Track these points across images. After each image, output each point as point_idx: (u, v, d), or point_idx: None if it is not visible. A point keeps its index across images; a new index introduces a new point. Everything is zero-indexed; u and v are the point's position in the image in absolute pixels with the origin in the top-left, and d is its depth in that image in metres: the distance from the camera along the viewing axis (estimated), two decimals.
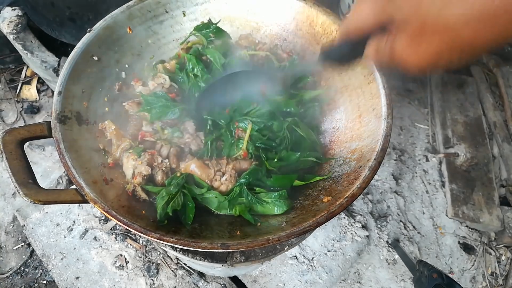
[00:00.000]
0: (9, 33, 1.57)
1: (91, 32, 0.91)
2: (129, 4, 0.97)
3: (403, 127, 2.02)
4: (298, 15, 1.01)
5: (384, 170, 1.84)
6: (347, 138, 0.90)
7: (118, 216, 0.69)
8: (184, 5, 1.04)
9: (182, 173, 0.84)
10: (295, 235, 0.69)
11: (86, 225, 1.56)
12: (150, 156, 0.85)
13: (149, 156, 0.85)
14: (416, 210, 1.78)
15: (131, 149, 0.87)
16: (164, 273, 1.47)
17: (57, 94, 0.82)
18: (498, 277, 1.66)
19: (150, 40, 1.03)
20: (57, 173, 1.78)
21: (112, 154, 0.87)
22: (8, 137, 0.75)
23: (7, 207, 1.75)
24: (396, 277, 1.60)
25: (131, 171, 0.83)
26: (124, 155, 0.86)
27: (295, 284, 1.49)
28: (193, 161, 0.85)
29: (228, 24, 1.08)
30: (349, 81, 0.93)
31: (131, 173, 0.83)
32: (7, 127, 1.96)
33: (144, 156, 0.84)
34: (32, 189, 0.71)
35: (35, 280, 1.60)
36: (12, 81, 2.10)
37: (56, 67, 1.56)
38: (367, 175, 0.74)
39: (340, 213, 0.81)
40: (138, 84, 0.99)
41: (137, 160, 0.83)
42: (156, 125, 0.91)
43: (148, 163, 0.84)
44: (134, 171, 0.83)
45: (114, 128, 0.88)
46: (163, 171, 0.85)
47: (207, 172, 0.84)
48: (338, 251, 1.57)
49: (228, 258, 0.99)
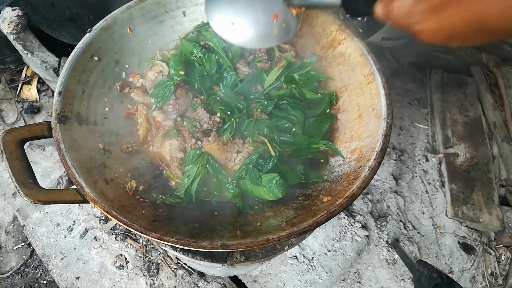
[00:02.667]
0: (9, 33, 1.57)
1: (91, 32, 0.91)
2: (129, 4, 0.97)
3: (403, 127, 2.02)
4: None
5: (384, 170, 1.84)
6: (347, 138, 0.90)
7: (118, 216, 0.70)
8: (184, 5, 1.04)
9: (204, 152, 0.89)
10: (295, 235, 0.69)
11: (86, 225, 1.56)
12: (182, 138, 0.91)
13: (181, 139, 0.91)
14: (416, 210, 1.79)
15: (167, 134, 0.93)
16: (164, 273, 1.47)
17: (57, 94, 0.82)
18: (498, 277, 1.66)
19: (150, 40, 1.03)
20: (57, 173, 1.78)
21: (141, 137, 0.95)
22: (8, 137, 0.75)
23: (7, 207, 1.75)
24: (396, 277, 1.60)
25: (168, 156, 0.91)
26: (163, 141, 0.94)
27: (295, 284, 1.49)
28: (214, 144, 0.90)
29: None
30: (349, 81, 0.93)
31: (169, 157, 0.91)
32: (7, 127, 1.96)
33: (177, 140, 0.91)
34: (32, 189, 0.71)
35: (35, 280, 1.60)
36: (12, 81, 2.10)
37: (56, 67, 1.56)
38: (367, 175, 0.74)
39: (340, 213, 0.81)
40: (137, 78, 1.00)
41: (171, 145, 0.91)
42: (176, 118, 0.95)
43: (181, 147, 0.90)
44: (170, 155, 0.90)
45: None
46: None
47: (225, 154, 0.90)
48: (338, 251, 1.57)
49: (228, 258, 0.99)
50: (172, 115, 0.94)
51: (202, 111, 0.92)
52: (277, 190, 0.82)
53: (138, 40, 1.01)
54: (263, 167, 0.87)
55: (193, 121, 0.92)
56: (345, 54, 0.94)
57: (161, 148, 0.94)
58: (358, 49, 0.90)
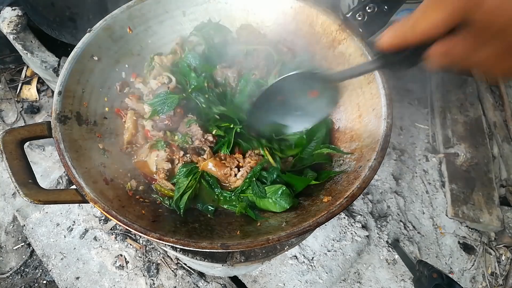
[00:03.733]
0: (9, 33, 1.57)
1: (91, 32, 0.91)
2: (129, 4, 0.97)
3: (403, 127, 2.02)
4: (298, 15, 1.01)
5: (384, 170, 1.84)
6: (347, 138, 0.90)
7: (118, 216, 0.69)
8: (184, 5, 1.03)
9: (199, 171, 0.87)
10: (295, 235, 0.69)
11: (86, 225, 1.56)
12: (170, 150, 0.89)
13: (169, 150, 0.89)
14: (416, 210, 1.78)
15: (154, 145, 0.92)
16: (164, 273, 1.47)
17: (57, 94, 0.82)
18: (498, 277, 1.66)
19: (150, 40, 1.03)
20: (57, 173, 1.78)
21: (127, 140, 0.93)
22: (8, 137, 0.75)
23: (7, 207, 1.75)
24: (396, 277, 1.60)
25: (154, 167, 0.89)
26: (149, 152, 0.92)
27: (295, 284, 1.49)
28: (211, 160, 0.87)
29: (228, 24, 1.07)
30: (349, 81, 0.93)
31: (155, 168, 0.89)
32: (7, 127, 1.96)
33: (165, 152, 0.89)
34: (32, 189, 0.71)
35: (35, 280, 1.60)
36: (12, 81, 2.10)
37: (56, 67, 1.56)
38: (367, 175, 0.74)
39: (340, 213, 0.81)
40: (138, 80, 1.00)
41: (158, 156, 0.88)
42: (162, 133, 0.93)
43: (169, 158, 0.88)
44: (157, 166, 0.88)
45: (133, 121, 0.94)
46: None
47: (223, 170, 0.87)
48: (338, 251, 1.57)
49: (228, 258, 0.99)
50: (162, 127, 0.92)
51: (196, 127, 0.90)
52: (283, 201, 0.80)
53: (138, 40, 1.00)
54: (267, 179, 0.85)
55: (185, 136, 0.90)
56: (345, 54, 0.93)
57: (147, 159, 0.91)
58: (358, 49, 0.90)
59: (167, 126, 0.92)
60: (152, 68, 1.00)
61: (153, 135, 0.93)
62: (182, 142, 0.91)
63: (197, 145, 0.90)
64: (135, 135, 0.94)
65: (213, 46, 1.04)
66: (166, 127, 0.92)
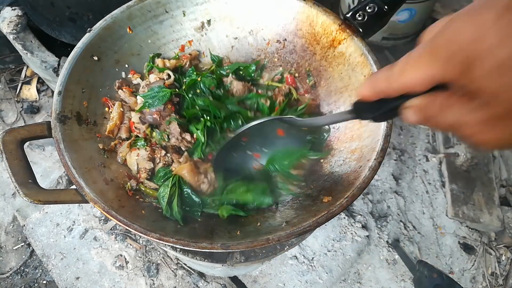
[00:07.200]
0: (9, 33, 1.57)
1: (91, 32, 0.91)
2: (129, 4, 0.97)
3: (403, 127, 2.02)
4: (298, 15, 1.01)
5: (384, 170, 1.83)
6: (347, 138, 0.90)
7: (118, 216, 0.69)
8: (184, 5, 1.04)
9: (174, 175, 0.83)
10: (295, 235, 0.69)
11: (86, 225, 1.56)
12: (151, 149, 0.88)
13: (150, 149, 0.87)
14: (416, 210, 1.78)
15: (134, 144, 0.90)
16: (164, 273, 1.47)
17: (57, 94, 0.82)
18: (498, 277, 1.66)
19: (150, 40, 1.03)
20: (57, 173, 1.78)
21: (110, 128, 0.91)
22: (8, 137, 0.75)
23: (7, 207, 1.75)
24: (396, 277, 1.60)
25: (135, 167, 0.86)
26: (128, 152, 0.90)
27: (295, 284, 1.49)
28: (185, 165, 0.83)
29: (228, 24, 1.08)
30: (349, 80, 0.93)
31: (136, 168, 0.86)
32: (7, 127, 1.96)
33: (146, 151, 0.87)
34: (32, 189, 0.71)
35: (35, 280, 1.60)
36: (12, 81, 2.10)
37: (56, 67, 1.56)
38: (367, 175, 0.74)
39: (340, 213, 0.81)
40: (136, 76, 0.99)
41: (139, 155, 0.87)
42: (145, 127, 0.91)
43: (150, 157, 0.86)
44: (138, 167, 0.86)
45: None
46: (165, 164, 0.88)
47: (196, 177, 0.83)
48: (338, 251, 1.57)
49: (228, 258, 0.99)
50: (149, 120, 0.90)
51: (175, 125, 0.88)
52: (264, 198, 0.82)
53: (138, 39, 1.00)
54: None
55: (162, 133, 0.89)
56: (346, 54, 0.93)
57: (127, 157, 0.89)
58: (358, 49, 0.90)
59: (154, 120, 0.90)
60: (151, 68, 1.00)
61: (137, 127, 0.91)
62: (160, 140, 0.89)
63: (173, 143, 0.88)
64: (119, 126, 0.92)
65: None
66: (154, 121, 0.90)
